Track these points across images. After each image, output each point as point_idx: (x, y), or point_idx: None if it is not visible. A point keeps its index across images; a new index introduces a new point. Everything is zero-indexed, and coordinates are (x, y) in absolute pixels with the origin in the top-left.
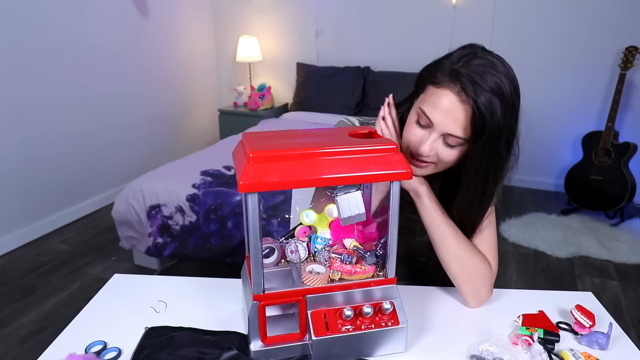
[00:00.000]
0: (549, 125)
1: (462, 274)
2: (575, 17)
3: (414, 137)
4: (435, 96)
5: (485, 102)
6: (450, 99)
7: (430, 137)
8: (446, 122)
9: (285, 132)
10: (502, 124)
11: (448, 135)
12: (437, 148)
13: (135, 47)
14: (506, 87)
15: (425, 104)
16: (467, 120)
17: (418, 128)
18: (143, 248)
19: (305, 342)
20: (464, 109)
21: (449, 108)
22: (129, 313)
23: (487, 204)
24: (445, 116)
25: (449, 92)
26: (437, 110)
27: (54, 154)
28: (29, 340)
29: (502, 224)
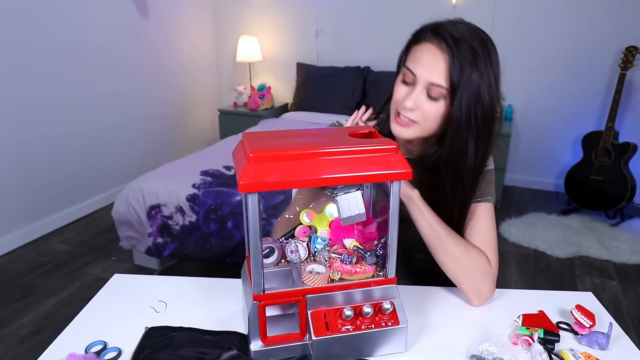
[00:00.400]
0: (549, 125)
1: (461, 273)
2: (575, 17)
3: (399, 95)
4: (418, 51)
5: (465, 48)
6: (431, 50)
7: (415, 90)
8: (428, 72)
9: (285, 132)
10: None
11: (431, 86)
12: (421, 102)
13: (135, 47)
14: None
15: (408, 61)
16: (446, 67)
17: (403, 86)
18: (143, 248)
19: (305, 342)
20: (444, 58)
21: (429, 58)
22: (129, 313)
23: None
24: (426, 66)
25: (429, 44)
26: (419, 63)
27: (54, 154)
28: (29, 340)
29: (502, 224)
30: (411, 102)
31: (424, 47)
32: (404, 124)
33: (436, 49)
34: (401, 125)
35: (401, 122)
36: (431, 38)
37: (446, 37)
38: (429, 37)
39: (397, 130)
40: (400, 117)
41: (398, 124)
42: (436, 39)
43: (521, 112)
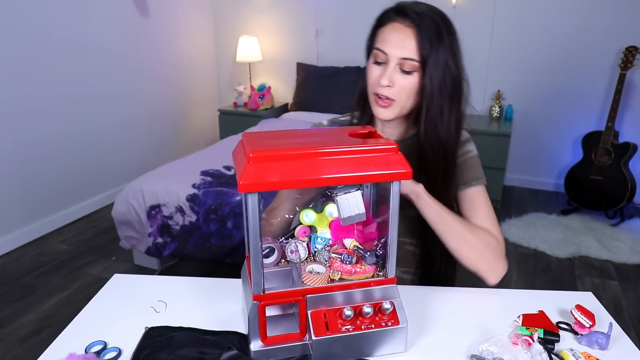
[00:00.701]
0: (549, 125)
1: (476, 256)
2: (575, 17)
3: (374, 76)
4: (385, 32)
5: (429, 22)
6: (397, 27)
7: (388, 67)
8: (398, 49)
9: (285, 132)
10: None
11: (403, 61)
12: (396, 78)
13: (135, 47)
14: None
15: (377, 42)
16: (415, 41)
17: (376, 67)
18: (143, 248)
19: (305, 342)
20: (411, 33)
21: (397, 35)
22: (129, 313)
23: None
24: (396, 43)
25: (395, 23)
26: (388, 41)
27: (54, 154)
28: (29, 340)
29: (502, 224)
30: (387, 79)
31: (391, 27)
32: (384, 104)
33: (403, 27)
34: (382, 106)
35: (382, 103)
36: (396, 18)
37: (410, 14)
38: (394, 17)
39: (379, 112)
40: (380, 98)
41: (380, 106)
42: (401, 18)
43: (521, 112)
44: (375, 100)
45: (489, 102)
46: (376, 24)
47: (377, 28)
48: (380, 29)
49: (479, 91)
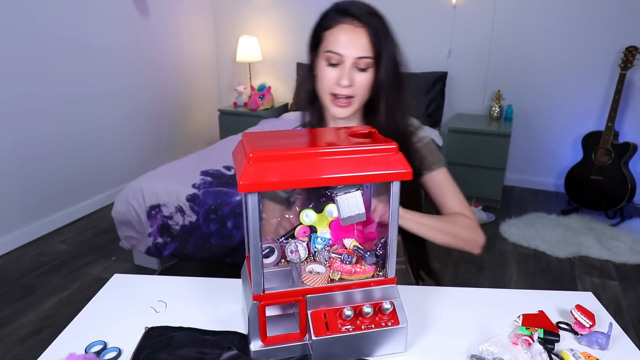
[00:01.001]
0: (549, 125)
1: (459, 241)
2: (575, 17)
3: (330, 78)
4: (335, 34)
5: (375, 20)
6: (348, 29)
7: (345, 68)
8: (353, 48)
9: (285, 132)
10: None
11: (358, 59)
12: (354, 77)
13: (135, 47)
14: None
15: (328, 45)
16: (367, 40)
17: (330, 69)
18: (143, 248)
19: (305, 342)
20: (361, 33)
21: (349, 36)
22: (129, 313)
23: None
24: (349, 43)
25: (344, 25)
26: (341, 43)
27: (54, 154)
28: (29, 340)
29: (502, 224)
30: (347, 80)
31: (340, 29)
32: (343, 104)
33: (352, 27)
34: (342, 106)
35: (341, 103)
36: (342, 19)
37: (357, 14)
38: (340, 19)
39: (339, 111)
40: (338, 98)
41: (339, 106)
42: (349, 19)
43: (521, 112)
44: (332, 101)
45: (489, 102)
46: (318, 28)
47: (322, 32)
48: (326, 32)
49: (479, 91)
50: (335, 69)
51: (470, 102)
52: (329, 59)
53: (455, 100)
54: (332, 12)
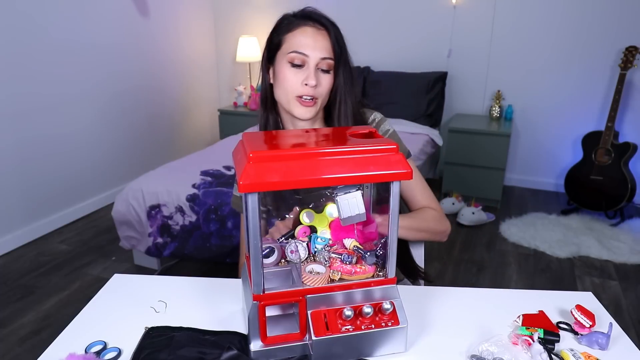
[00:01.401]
0: (549, 125)
1: (429, 235)
2: (575, 17)
3: (294, 79)
4: (298, 36)
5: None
6: (311, 31)
7: (310, 69)
8: (317, 50)
9: (285, 132)
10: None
11: (322, 61)
12: (319, 77)
13: (135, 47)
14: None
15: (292, 46)
16: (329, 42)
17: (295, 71)
18: (143, 248)
19: (305, 342)
20: (324, 34)
21: (313, 38)
22: (129, 313)
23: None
24: (314, 45)
25: (307, 27)
26: (305, 44)
27: (54, 154)
28: (29, 340)
29: (502, 224)
30: (314, 80)
31: (303, 31)
32: (308, 104)
33: (314, 30)
34: (308, 105)
35: (306, 103)
36: (305, 23)
37: (319, 19)
38: (302, 22)
39: (304, 112)
40: (303, 98)
41: (305, 106)
42: (311, 22)
43: (521, 112)
44: (298, 102)
45: (489, 102)
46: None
47: (283, 35)
48: (289, 34)
49: (479, 91)
50: (300, 70)
51: (470, 102)
52: (292, 59)
53: (455, 100)
54: (290, 17)
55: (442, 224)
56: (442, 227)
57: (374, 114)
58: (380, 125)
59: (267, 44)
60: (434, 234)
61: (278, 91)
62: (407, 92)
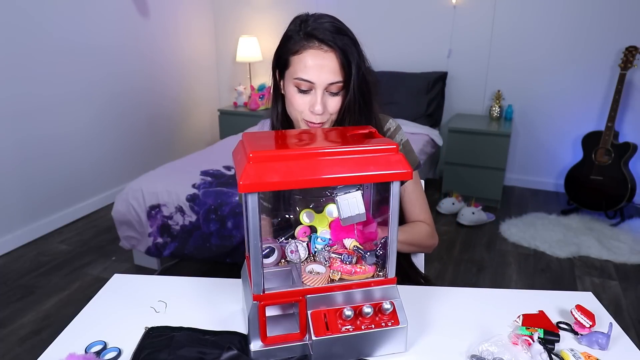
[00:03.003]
0: (549, 125)
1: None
2: (575, 17)
3: (302, 104)
4: (303, 60)
5: (343, 44)
6: (316, 54)
7: (317, 95)
8: (324, 75)
9: (285, 132)
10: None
11: (330, 85)
12: (326, 102)
13: (135, 47)
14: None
15: (298, 72)
16: (337, 63)
17: (302, 95)
18: (143, 248)
19: (305, 342)
20: (330, 57)
21: (319, 62)
22: (129, 313)
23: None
24: (320, 70)
25: (312, 50)
26: (311, 69)
27: (54, 154)
28: (29, 340)
29: (502, 224)
30: (320, 107)
31: (308, 55)
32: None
33: (321, 52)
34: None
35: (314, 125)
36: (310, 44)
37: (324, 37)
38: (307, 44)
39: None
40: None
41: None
42: (317, 43)
43: (521, 112)
44: (305, 124)
45: (489, 102)
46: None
47: (289, 56)
48: (294, 57)
49: (479, 91)
50: (307, 95)
51: (470, 102)
52: (299, 85)
53: (455, 100)
54: (296, 35)
55: (432, 239)
56: (431, 242)
57: (389, 122)
58: (395, 135)
59: (275, 59)
60: (422, 248)
61: (288, 107)
62: (407, 92)
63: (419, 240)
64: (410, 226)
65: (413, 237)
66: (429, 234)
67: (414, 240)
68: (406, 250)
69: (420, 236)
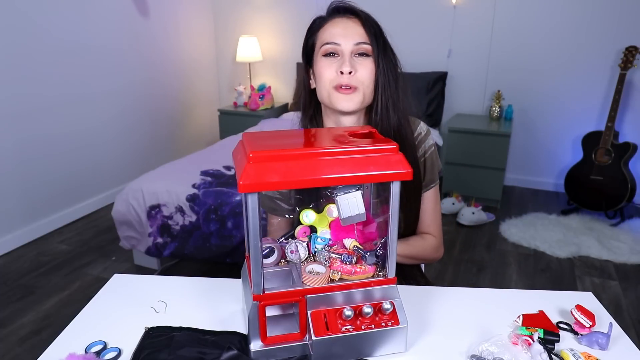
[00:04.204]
0: (549, 125)
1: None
2: (575, 17)
3: (330, 68)
4: (329, 29)
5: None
6: (342, 20)
7: (345, 56)
8: (350, 37)
9: (285, 132)
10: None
11: (356, 46)
12: (355, 63)
13: (135, 47)
14: None
15: (324, 39)
16: (362, 29)
17: (329, 61)
18: (143, 248)
19: (305, 342)
20: (355, 22)
21: (345, 26)
22: (129, 313)
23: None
24: (345, 32)
25: (337, 19)
26: (337, 33)
27: (54, 154)
28: (29, 340)
29: (502, 224)
30: (348, 65)
31: (334, 23)
32: (347, 91)
33: (346, 20)
34: (346, 93)
35: (345, 90)
36: (336, 15)
37: (351, 9)
38: (334, 15)
39: (344, 103)
40: (343, 88)
41: (343, 93)
42: (342, 14)
43: (521, 112)
44: (336, 92)
45: (489, 102)
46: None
47: (317, 31)
48: (320, 30)
49: (479, 91)
50: (334, 59)
51: (470, 102)
52: (326, 51)
53: (455, 100)
54: (319, 18)
55: (437, 252)
56: (435, 256)
57: (420, 126)
58: (424, 140)
59: (303, 48)
60: (426, 261)
61: (319, 89)
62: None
63: (422, 254)
64: (415, 239)
65: (417, 251)
66: (434, 247)
67: (417, 255)
68: (407, 262)
69: (424, 250)
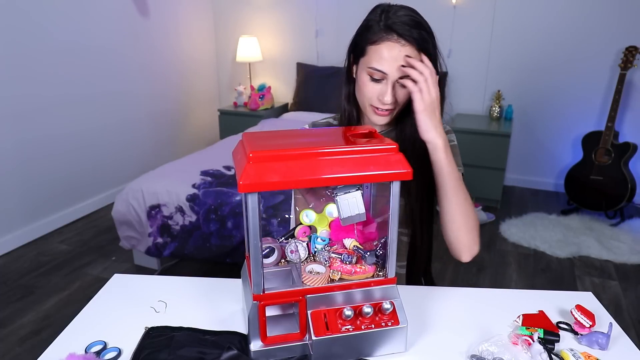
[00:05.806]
0: (549, 125)
1: (465, 227)
2: (575, 17)
3: (373, 92)
4: (379, 51)
5: (421, 38)
6: (393, 47)
7: (388, 86)
8: (398, 61)
9: (285, 132)
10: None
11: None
12: (395, 93)
13: (135, 47)
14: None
15: (372, 62)
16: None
17: (373, 84)
18: (143, 248)
19: (305, 342)
20: (406, 51)
21: (394, 55)
22: (129, 313)
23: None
24: (394, 62)
25: (390, 43)
26: (385, 61)
27: (54, 154)
28: (29, 340)
29: (502, 224)
30: (390, 97)
31: (385, 46)
32: (383, 114)
33: (397, 45)
34: (382, 115)
35: (382, 113)
36: (388, 36)
37: (401, 31)
38: (385, 36)
39: (378, 120)
40: (379, 110)
41: (379, 115)
42: (393, 37)
43: (521, 112)
44: (373, 111)
45: (489, 102)
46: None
47: (366, 45)
48: (371, 46)
49: (479, 91)
50: (378, 84)
51: (470, 102)
52: (371, 74)
53: (455, 100)
54: (376, 25)
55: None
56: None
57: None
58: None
59: (352, 45)
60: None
61: (358, 94)
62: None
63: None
64: None
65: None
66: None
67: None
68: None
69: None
